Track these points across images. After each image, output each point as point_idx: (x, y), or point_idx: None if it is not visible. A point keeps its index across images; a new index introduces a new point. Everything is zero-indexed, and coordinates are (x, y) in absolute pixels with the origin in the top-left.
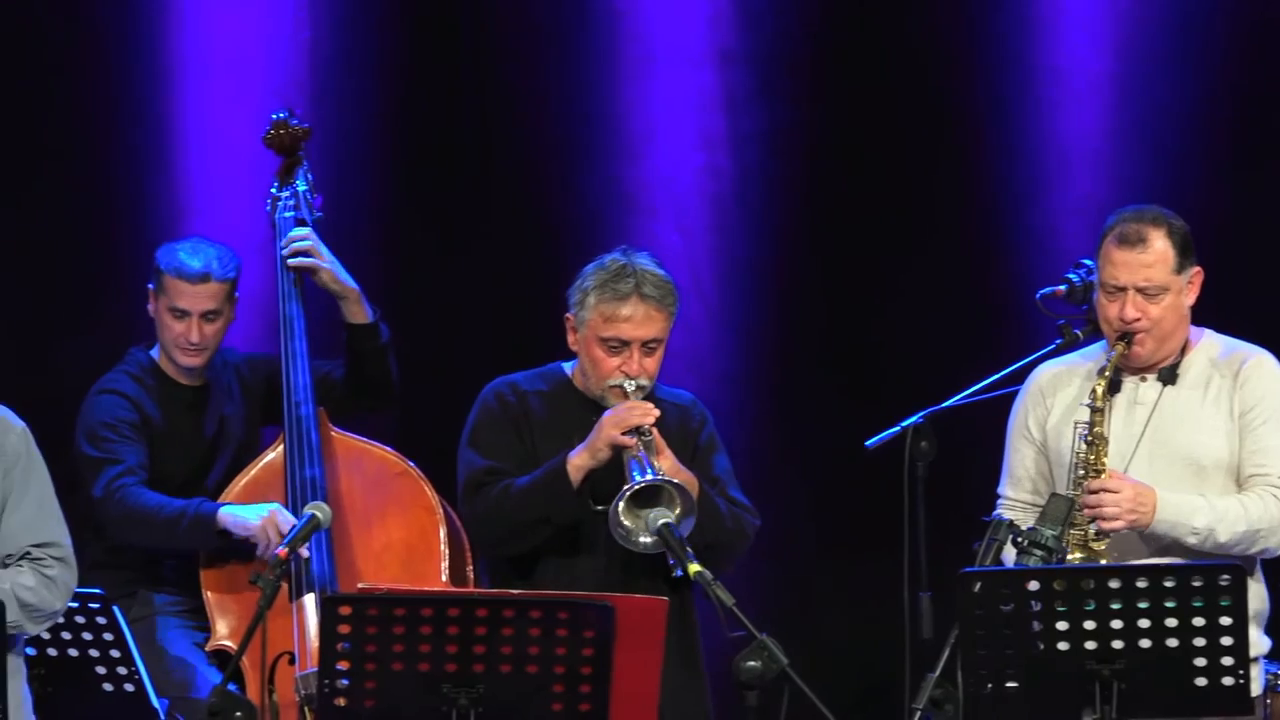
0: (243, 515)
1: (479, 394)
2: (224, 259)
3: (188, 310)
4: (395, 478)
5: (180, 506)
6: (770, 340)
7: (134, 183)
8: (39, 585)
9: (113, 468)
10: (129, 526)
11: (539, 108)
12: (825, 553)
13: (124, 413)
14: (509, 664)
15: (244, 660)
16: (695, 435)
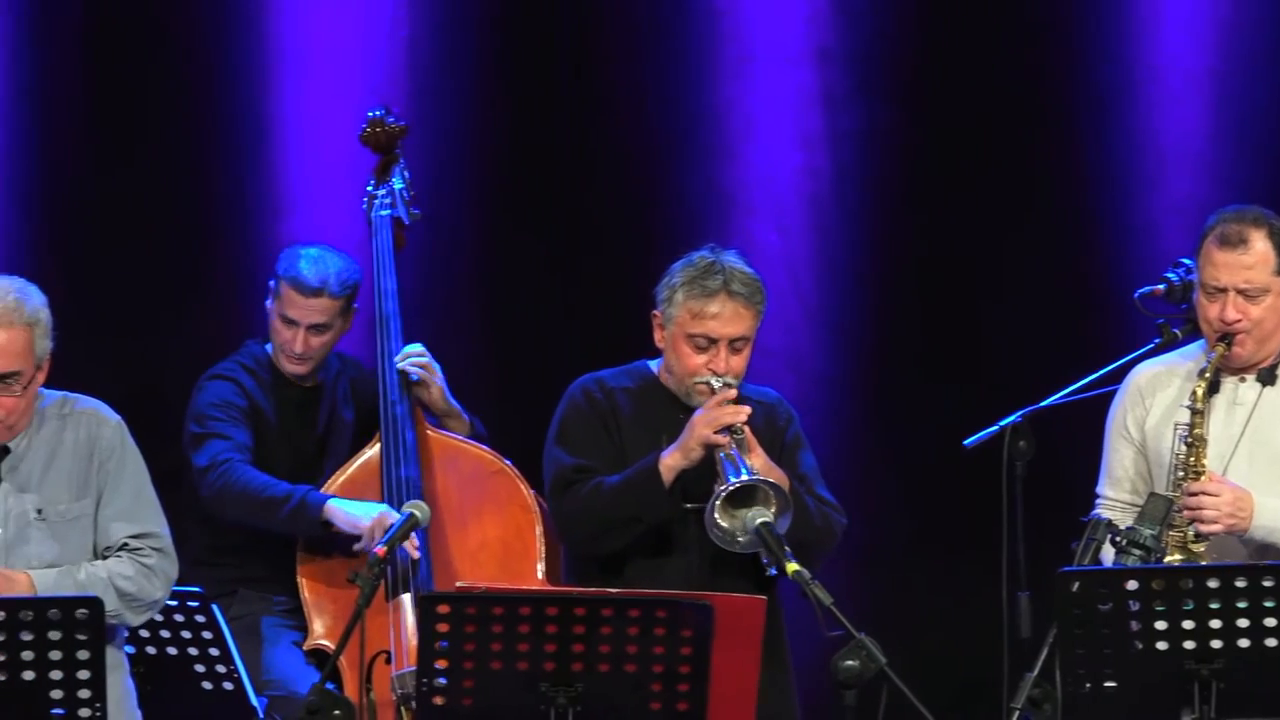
0: (354, 512)
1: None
2: (343, 275)
3: (296, 321)
4: (491, 476)
5: (287, 489)
6: (868, 339)
7: (233, 180)
8: (137, 574)
9: (219, 442)
10: (229, 501)
11: (637, 107)
12: (923, 552)
13: (234, 398)
14: (607, 663)
15: (342, 659)
16: (782, 433)
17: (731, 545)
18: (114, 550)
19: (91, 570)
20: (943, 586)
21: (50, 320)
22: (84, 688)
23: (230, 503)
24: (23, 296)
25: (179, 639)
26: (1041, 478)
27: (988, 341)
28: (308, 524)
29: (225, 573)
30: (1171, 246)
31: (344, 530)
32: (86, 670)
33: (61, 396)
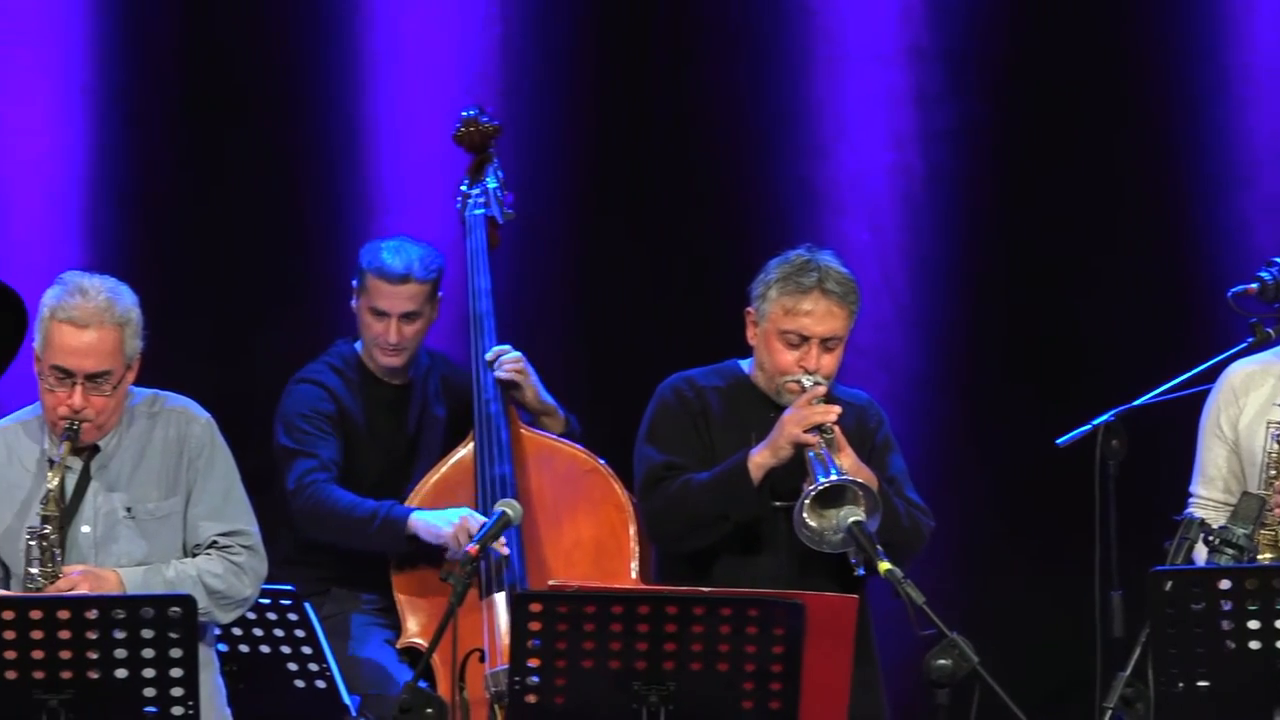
0: (434, 522)
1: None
2: (426, 260)
3: (387, 311)
4: (585, 475)
5: (372, 508)
6: (960, 338)
7: (327, 180)
8: (226, 572)
9: (306, 461)
10: (318, 523)
11: (730, 106)
12: (1016, 551)
13: (322, 404)
14: (699, 662)
15: (435, 657)
16: (872, 435)
17: (820, 545)
18: (203, 548)
19: (181, 568)
20: (1035, 585)
21: (141, 320)
22: (176, 686)
23: (319, 525)
24: (114, 296)
25: (272, 637)
26: (1134, 477)
27: (1080, 340)
28: (395, 540)
29: (317, 571)
30: (1264, 245)
31: (429, 540)
32: (179, 669)
33: (151, 394)
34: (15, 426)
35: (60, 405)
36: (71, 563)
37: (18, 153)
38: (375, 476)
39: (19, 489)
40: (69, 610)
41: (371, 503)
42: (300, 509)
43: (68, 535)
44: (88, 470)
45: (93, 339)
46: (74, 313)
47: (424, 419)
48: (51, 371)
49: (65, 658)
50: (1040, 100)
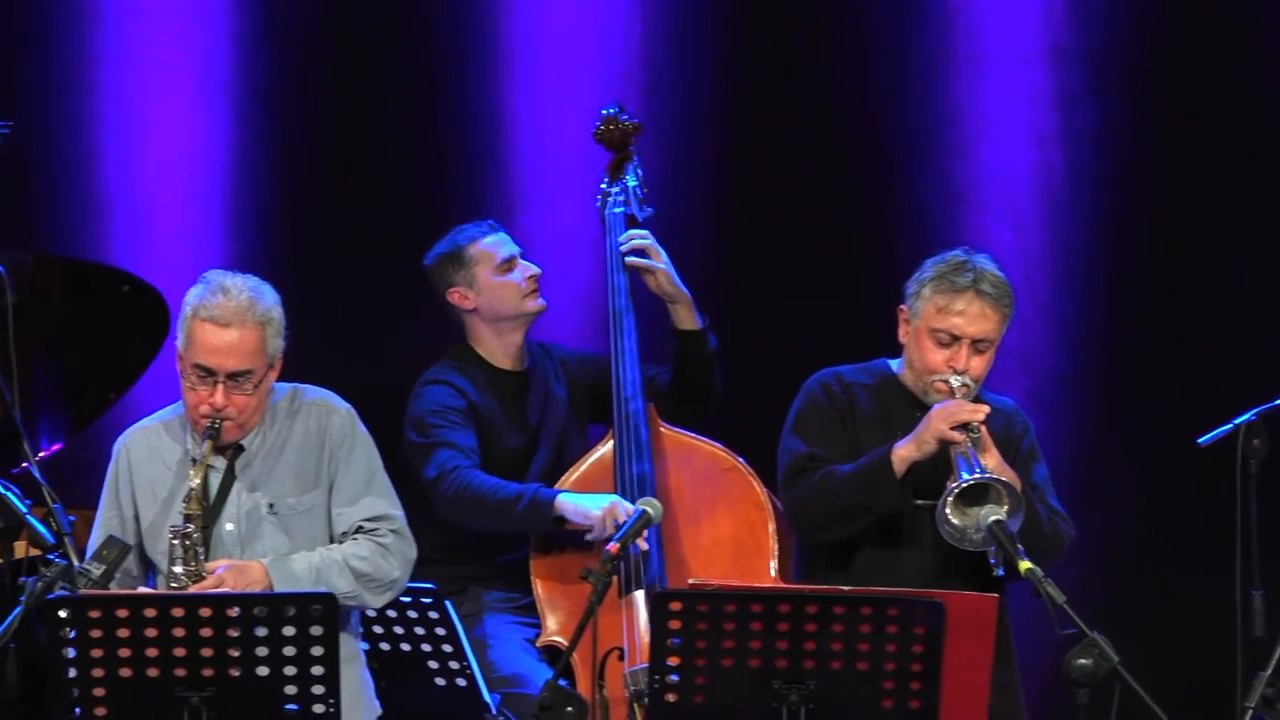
0: (583, 504)
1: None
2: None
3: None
4: (724, 473)
5: (518, 489)
6: (1101, 337)
7: (466, 176)
8: (373, 554)
9: (444, 450)
10: (462, 507)
11: (870, 105)
12: (1156, 550)
13: (451, 400)
14: (839, 660)
15: (574, 656)
16: (1017, 441)
17: (962, 542)
18: (349, 535)
19: (326, 553)
20: (1176, 585)
21: (283, 319)
22: (317, 684)
23: (465, 510)
24: (256, 295)
25: (412, 635)
26: (1276, 476)
27: (1222, 339)
28: (541, 520)
29: (457, 570)
30: None
31: (576, 523)
32: (320, 666)
33: (291, 389)
34: (157, 425)
35: (202, 404)
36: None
37: (160, 151)
38: (508, 466)
39: (161, 487)
40: (211, 608)
41: (516, 485)
42: (444, 495)
43: (211, 533)
44: (232, 469)
45: (235, 338)
46: (216, 312)
47: (546, 401)
48: (193, 370)
49: (207, 655)
50: (1181, 100)
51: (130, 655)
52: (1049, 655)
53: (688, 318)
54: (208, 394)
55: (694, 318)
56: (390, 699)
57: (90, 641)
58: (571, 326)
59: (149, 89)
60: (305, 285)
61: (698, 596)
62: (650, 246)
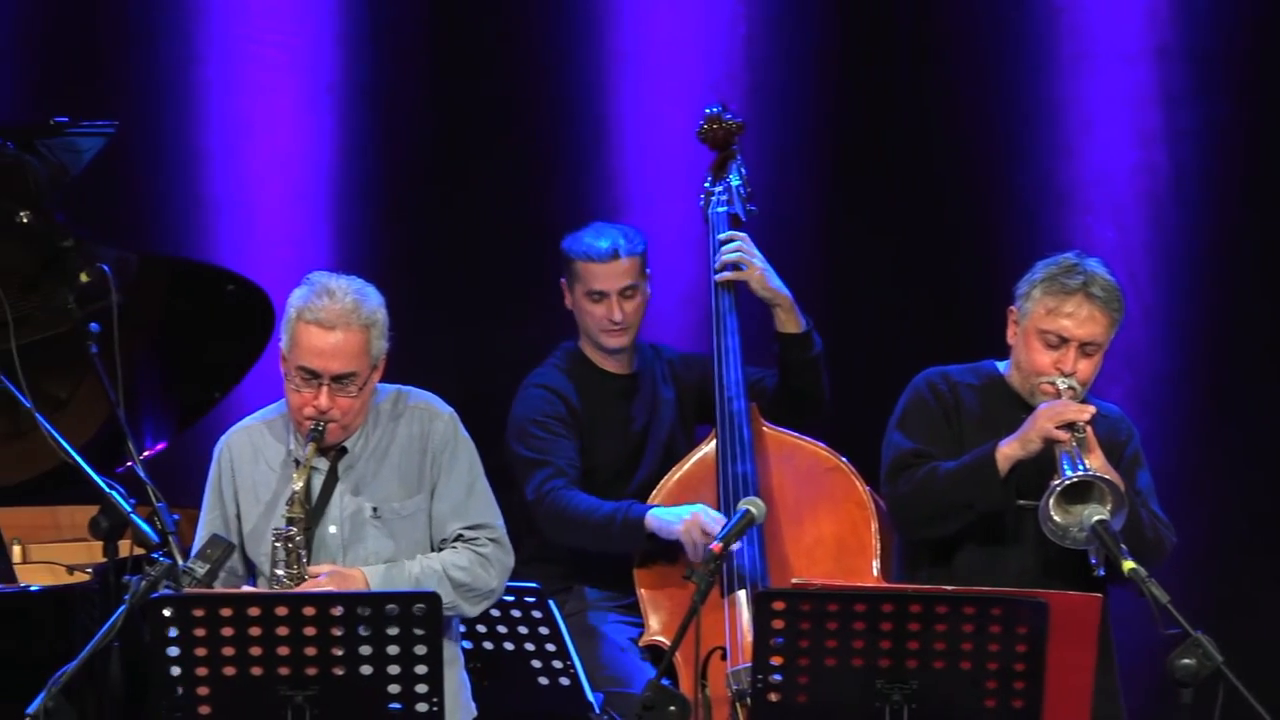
0: (667, 519)
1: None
2: (629, 235)
3: (604, 291)
4: (827, 473)
5: (610, 511)
6: (1205, 336)
7: (570, 176)
8: (472, 564)
9: (542, 470)
10: (561, 529)
11: (975, 104)
12: (1261, 550)
13: (552, 407)
14: (942, 660)
15: (677, 655)
16: (1121, 448)
17: (1063, 540)
18: (449, 542)
19: (426, 562)
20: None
21: (387, 321)
22: (421, 682)
23: (564, 531)
24: (360, 298)
25: (516, 634)
26: None
27: None
28: (635, 539)
29: (561, 569)
30: None
31: (665, 538)
32: (424, 665)
33: (395, 391)
34: (260, 426)
35: (306, 405)
36: (319, 564)
37: (265, 151)
38: (611, 471)
39: (264, 489)
40: (315, 607)
41: (610, 504)
42: (543, 518)
43: (314, 536)
44: (335, 471)
45: (339, 340)
46: (321, 314)
47: (654, 403)
48: (298, 372)
49: (311, 654)
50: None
51: (234, 654)
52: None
53: (789, 320)
54: (312, 396)
55: (796, 320)
56: (493, 699)
57: (194, 640)
58: (675, 326)
59: (254, 89)
60: (410, 287)
61: (801, 596)
62: (742, 257)
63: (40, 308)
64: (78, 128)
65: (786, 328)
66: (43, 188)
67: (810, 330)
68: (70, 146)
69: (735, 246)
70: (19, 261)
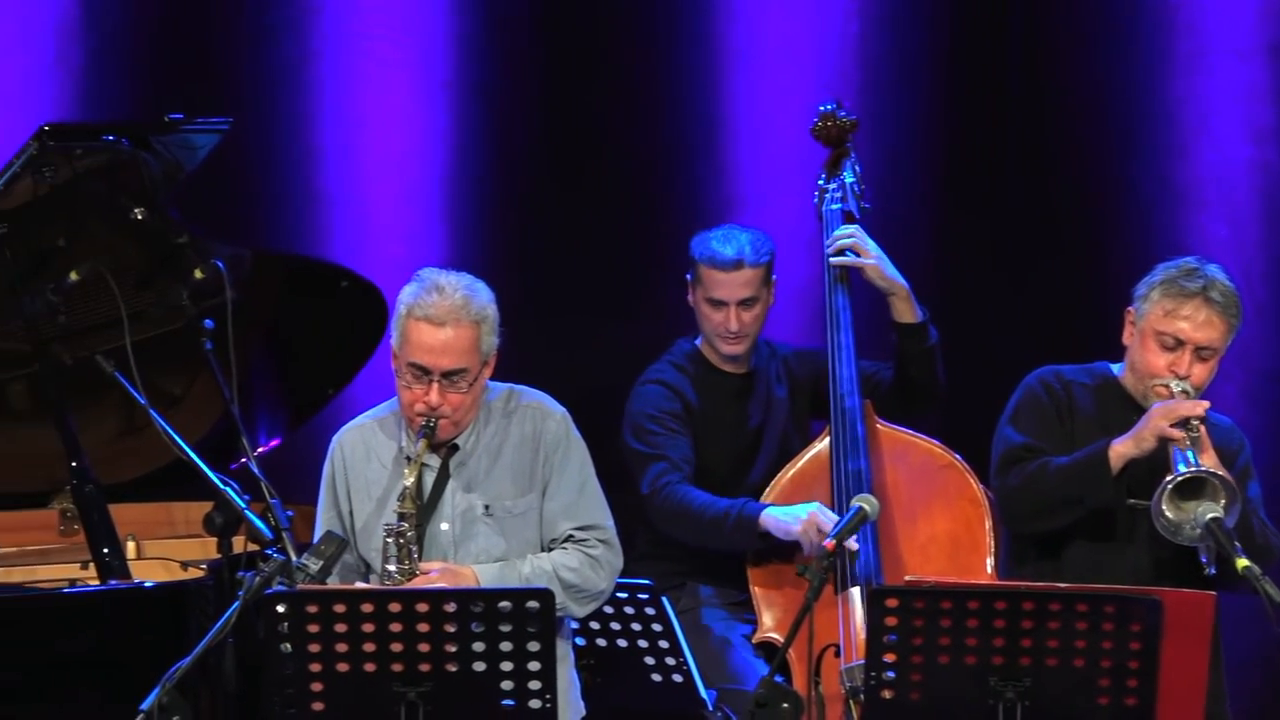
0: (784, 518)
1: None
2: (757, 244)
3: (724, 300)
4: (940, 470)
5: (725, 507)
6: None
7: (684, 173)
8: (582, 565)
9: (657, 464)
10: (674, 524)
11: (1088, 102)
12: None
13: (668, 403)
14: (1055, 657)
15: (790, 652)
16: (1233, 457)
17: (1175, 536)
18: (559, 542)
19: (536, 562)
20: None
21: (497, 317)
22: (534, 679)
23: (678, 526)
24: (470, 293)
25: (629, 631)
26: None
27: None
28: (749, 537)
29: (673, 565)
30: None
31: (781, 537)
32: (537, 662)
33: (507, 390)
34: (372, 423)
35: (417, 402)
36: (430, 560)
37: (379, 147)
38: (725, 470)
39: (376, 485)
40: (427, 603)
41: (725, 501)
42: (657, 512)
43: (426, 532)
44: (446, 468)
45: (449, 337)
46: (431, 310)
47: (769, 403)
48: (409, 369)
49: (423, 650)
50: None
51: (347, 650)
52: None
53: (906, 310)
54: (423, 392)
55: (912, 310)
56: (606, 696)
57: (307, 636)
58: (789, 323)
59: (369, 86)
60: (522, 284)
61: (914, 594)
62: (856, 243)
63: (155, 304)
64: (192, 125)
65: (903, 317)
66: (158, 185)
67: (927, 321)
68: (185, 144)
69: (850, 232)
70: (134, 258)
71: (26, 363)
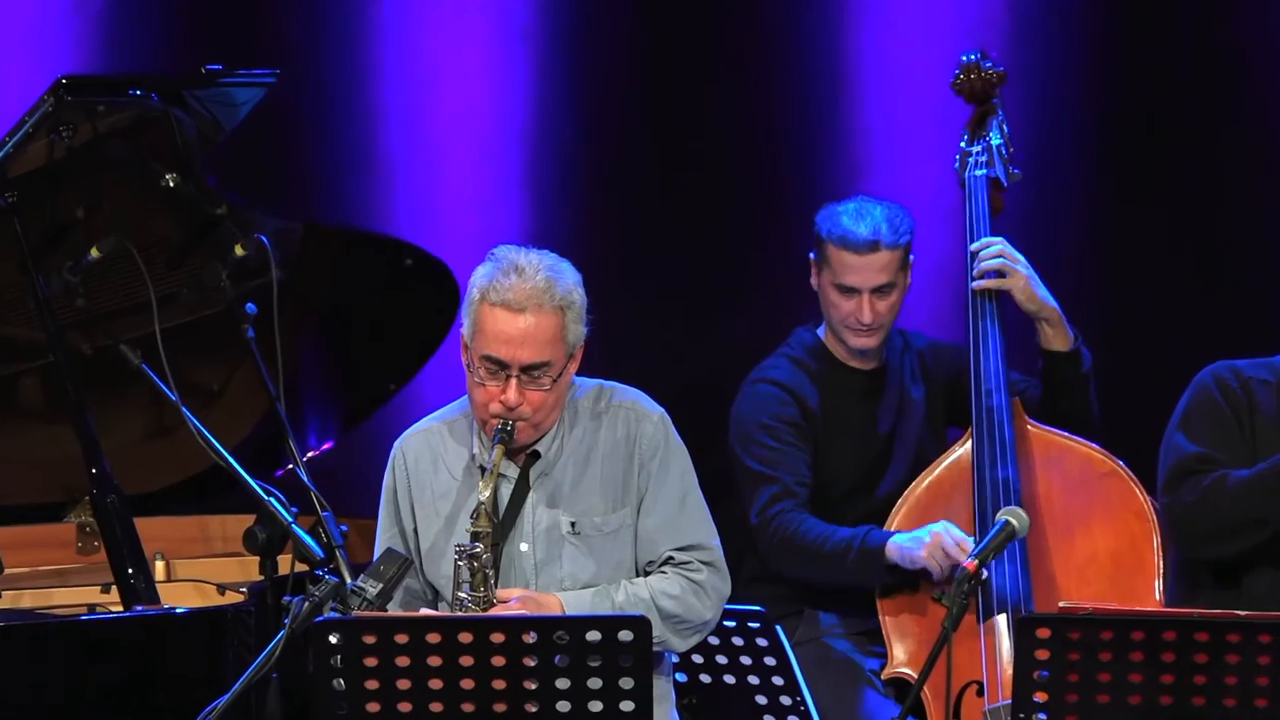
0: (909, 545)
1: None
2: (895, 221)
3: (856, 287)
4: (1102, 478)
5: (846, 539)
6: None
7: (804, 134)
8: (684, 592)
9: (769, 487)
10: (787, 559)
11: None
12: None
13: (783, 409)
14: (1233, 697)
15: (925, 690)
16: None
17: None
18: (657, 565)
19: (631, 589)
20: None
21: (585, 303)
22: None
23: (792, 563)
24: (555, 275)
25: (738, 665)
26: None
27: None
28: (875, 573)
29: (789, 590)
30: None
31: (908, 569)
32: (631, 701)
33: (597, 386)
34: (440, 427)
35: (492, 402)
36: (508, 586)
37: (449, 107)
38: (850, 481)
39: (445, 500)
40: (504, 633)
41: (845, 531)
42: (766, 544)
43: (503, 554)
44: (526, 479)
45: (530, 325)
46: (508, 295)
47: (902, 405)
48: (482, 363)
49: (499, 688)
50: None
51: (410, 687)
52: None
53: (1056, 336)
54: (499, 390)
55: (1064, 335)
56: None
57: (364, 670)
58: (925, 308)
59: (437, 34)
60: (614, 264)
61: (1070, 622)
62: (1004, 263)
63: (189, 285)
64: (233, 77)
65: (1053, 344)
66: (192, 147)
67: (1080, 346)
68: (224, 99)
69: (996, 251)
70: (166, 232)
71: (40, 353)
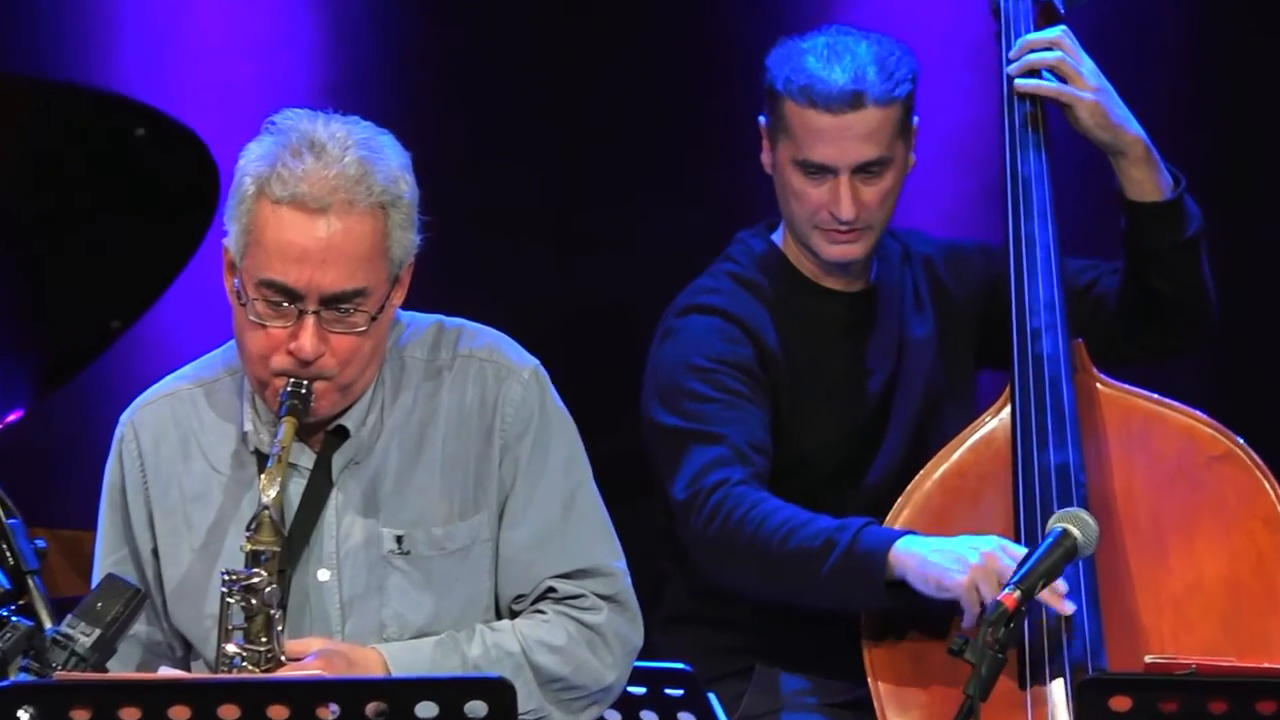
0: (937, 560)
1: None
2: (887, 64)
3: (830, 164)
4: (1210, 464)
5: (825, 531)
6: None
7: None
8: (572, 643)
9: (706, 450)
10: (734, 558)
11: None
12: None
13: (729, 348)
14: None
15: None
16: None
17: None
18: (530, 601)
19: (492, 638)
20: None
21: (416, 195)
22: None
23: (737, 564)
24: (371, 156)
25: None
26: None
27: None
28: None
29: (728, 638)
30: None
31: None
32: None
33: (435, 325)
34: (191, 391)
35: (276, 352)
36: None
37: None
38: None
39: (202, 504)
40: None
41: (826, 521)
42: (698, 534)
43: (294, 585)
44: (328, 471)
45: (335, 233)
46: (301, 187)
47: (901, 343)
48: (260, 292)
49: None
50: None
51: None
52: None
53: (1145, 178)
54: (286, 334)
55: (1155, 178)
56: None
57: None
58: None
59: None
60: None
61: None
62: (1060, 60)
63: None
64: None
65: (1136, 192)
66: None
67: (1183, 194)
68: None
69: (1051, 39)
70: None
71: None
